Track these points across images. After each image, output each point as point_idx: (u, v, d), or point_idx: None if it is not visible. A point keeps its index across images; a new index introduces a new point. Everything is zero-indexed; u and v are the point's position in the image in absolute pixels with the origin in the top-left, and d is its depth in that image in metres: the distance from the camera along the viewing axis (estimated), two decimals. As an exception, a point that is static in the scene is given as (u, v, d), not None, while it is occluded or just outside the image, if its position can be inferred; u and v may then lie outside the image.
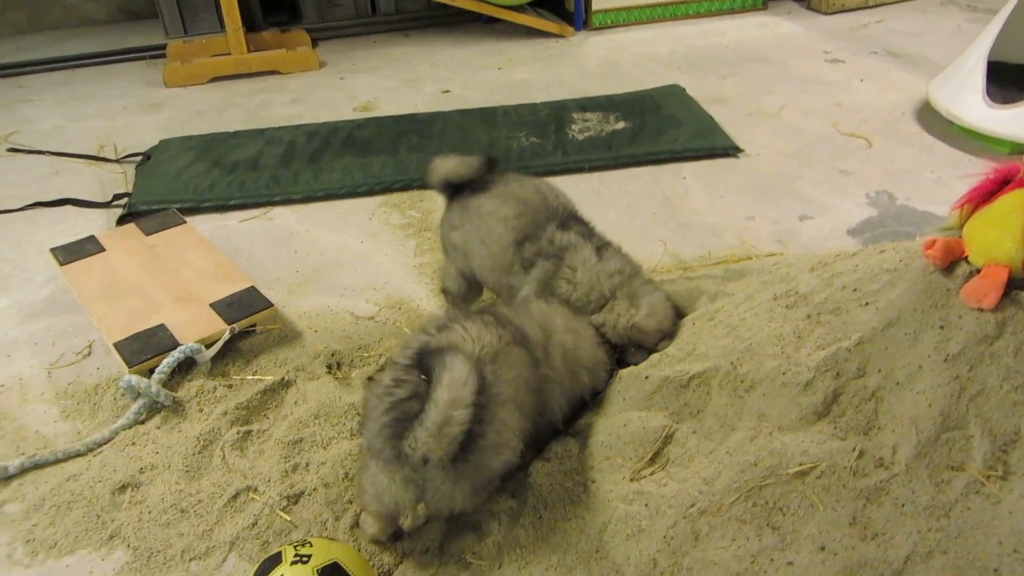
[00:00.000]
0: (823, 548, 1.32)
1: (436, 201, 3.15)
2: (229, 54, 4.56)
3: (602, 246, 2.07)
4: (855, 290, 1.56)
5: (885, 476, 1.35)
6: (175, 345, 2.16)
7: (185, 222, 2.82)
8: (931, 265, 1.44)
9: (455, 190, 2.23)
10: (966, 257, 1.43)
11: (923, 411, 1.36)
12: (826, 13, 5.17)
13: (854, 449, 1.38)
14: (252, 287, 2.42)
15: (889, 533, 1.30)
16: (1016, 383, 1.30)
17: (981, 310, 1.36)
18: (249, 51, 4.58)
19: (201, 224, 2.98)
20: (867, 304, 1.51)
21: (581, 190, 3.19)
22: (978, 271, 1.40)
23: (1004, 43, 3.40)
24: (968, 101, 3.31)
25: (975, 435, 1.32)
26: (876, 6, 5.25)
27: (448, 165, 2.24)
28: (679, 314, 2.03)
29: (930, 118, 3.62)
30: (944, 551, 1.26)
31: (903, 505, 1.32)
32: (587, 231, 2.12)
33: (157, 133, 3.80)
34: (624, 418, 1.70)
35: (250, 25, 4.86)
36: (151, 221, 2.82)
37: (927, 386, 1.37)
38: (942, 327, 1.39)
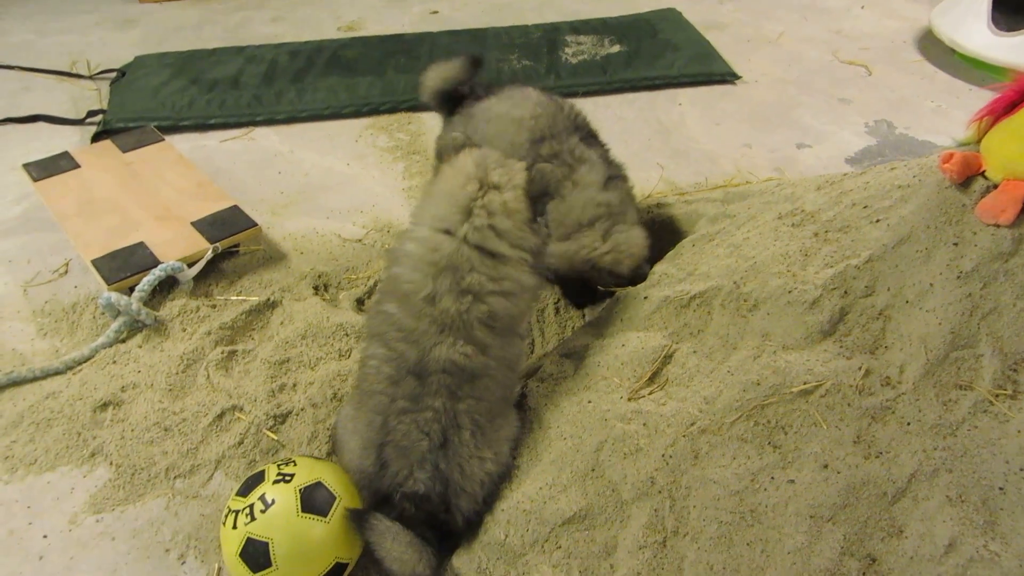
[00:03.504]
0: (825, 466, 1.29)
1: (425, 124, 3.05)
2: (206, -32, 4.35)
3: (613, 177, 2.00)
4: (865, 207, 1.50)
5: (891, 395, 1.31)
6: (155, 263, 2.09)
7: (164, 139, 2.70)
8: (947, 180, 1.38)
9: (452, 102, 2.14)
10: (983, 172, 1.37)
11: (933, 329, 1.32)
12: (828, -61, 4.99)
13: (860, 368, 1.35)
14: (235, 206, 2.33)
15: (894, 452, 1.28)
16: (1030, 301, 1.27)
17: (997, 226, 1.31)
18: (227, -35, 4.36)
19: (180, 143, 2.87)
20: (878, 221, 1.46)
21: (575, 115, 3.09)
22: (996, 186, 1.34)
23: (1012, -32, 3.30)
24: (972, 28, 3.22)
25: (985, 354, 1.28)
26: (879, -68, 5.07)
27: (437, 73, 2.16)
28: (648, 259, 1.97)
29: (931, 46, 3.54)
30: (949, 470, 1.24)
31: (909, 424, 1.29)
32: (606, 154, 2.06)
33: (131, 50, 3.64)
34: (622, 339, 1.65)
35: (228, -62, 4.62)
36: (128, 138, 2.70)
37: (938, 304, 1.33)
38: (956, 244, 1.34)
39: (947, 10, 3.43)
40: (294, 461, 1.47)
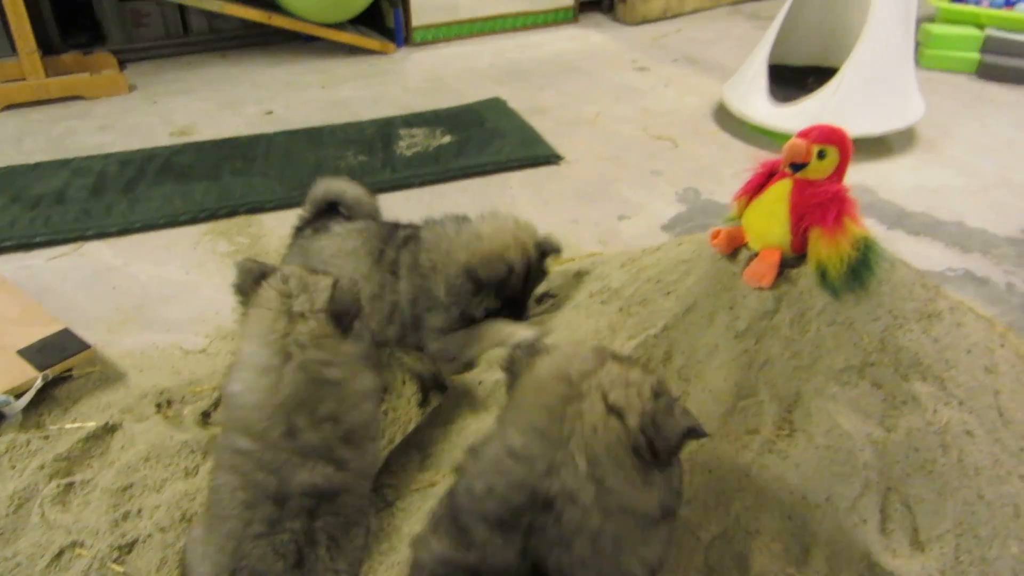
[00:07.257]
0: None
1: (265, 225, 3.09)
2: (24, 79, 4.22)
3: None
4: (658, 281, 1.70)
5: (695, 447, 1.48)
6: (-22, 400, 2.00)
7: (-18, 266, 2.60)
8: (718, 253, 1.61)
9: (317, 217, 2.26)
10: (747, 243, 1.60)
11: (721, 384, 1.51)
12: (630, 24, 5.53)
13: (667, 427, 1.51)
14: (65, 329, 2.27)
15: (702, 498, 1.44)
16: (794, 350, 1.48)
17: (761, 289, 1.53)
18: (48, 76, 4.26)
19: (2, 265, 2.76)
20: (668, 293, 1.66)
21: (413, 206, 3.23)
22: (756, 255, 1.57)
23: (781, 47, 3.79)
24: (755, 101, 3.65)
25: (765, 400, 1.48)
26: (673, 17, 5.67)
27: (337, 186, 2.27)
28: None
29: (726, 118, 3.97)
30: (747, 507, 1.41)
31: (711, 471, 1.46)
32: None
33: (-57, 171, 3.47)
34: (461, 424, 1.76)
35: (47, 48, 4.54)
36: (-59, 268, 2.57)
37: (723, 361, 1.52)
38: (731, 307, 1.55)
39: (735, 85, 3.88)
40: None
